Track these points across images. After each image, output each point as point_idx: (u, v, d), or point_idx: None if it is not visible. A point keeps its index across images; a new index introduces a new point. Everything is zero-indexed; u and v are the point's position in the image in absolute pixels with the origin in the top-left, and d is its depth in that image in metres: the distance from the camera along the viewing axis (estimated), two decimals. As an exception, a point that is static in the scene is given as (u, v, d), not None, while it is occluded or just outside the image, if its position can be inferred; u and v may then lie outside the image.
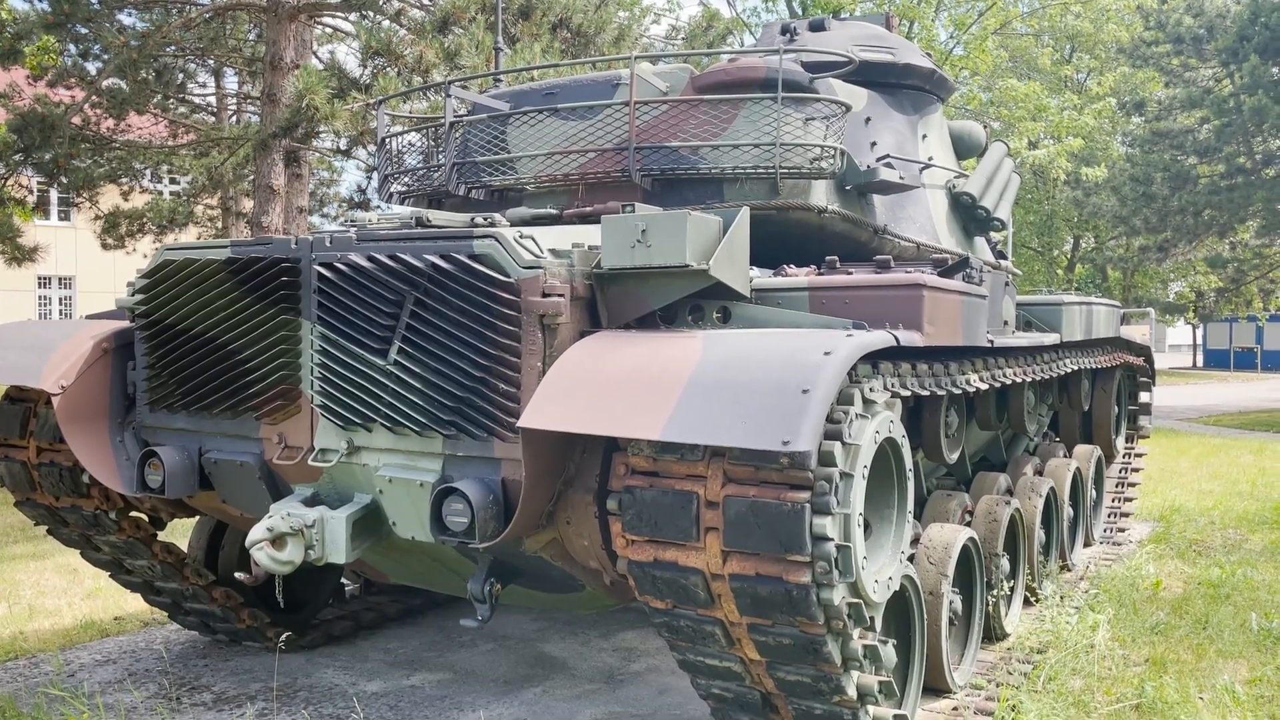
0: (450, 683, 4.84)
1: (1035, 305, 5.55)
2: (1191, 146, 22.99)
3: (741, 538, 2.90)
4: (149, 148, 20.30)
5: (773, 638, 3.04)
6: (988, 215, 5.80)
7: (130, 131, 19.39)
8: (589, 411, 2.92)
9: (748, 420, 2.71)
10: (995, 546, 5.09)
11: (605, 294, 3.45)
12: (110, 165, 20.33)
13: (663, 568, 3.06)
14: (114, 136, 19.46)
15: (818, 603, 2.88)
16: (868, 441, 3.02)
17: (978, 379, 4.21)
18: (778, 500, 2.85)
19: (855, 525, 2.93)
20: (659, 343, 3.10)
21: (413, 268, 3.42)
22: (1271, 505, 9.49)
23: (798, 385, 2.73)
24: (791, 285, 3.60)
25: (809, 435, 2.64)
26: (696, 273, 3.25)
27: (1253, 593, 6.27)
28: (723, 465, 2.97)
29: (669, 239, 3.23)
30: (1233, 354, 46.12)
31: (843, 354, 2.84)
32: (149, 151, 20.49)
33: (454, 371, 3.35)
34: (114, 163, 20.46)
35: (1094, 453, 7.48)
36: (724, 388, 2.82)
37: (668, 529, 3.01)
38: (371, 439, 3.57)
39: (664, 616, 3.22)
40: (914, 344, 3.33)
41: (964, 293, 3.82)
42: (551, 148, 4.82)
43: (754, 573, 2.92)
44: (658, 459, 3.05)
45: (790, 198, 4.70)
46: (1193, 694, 4.57)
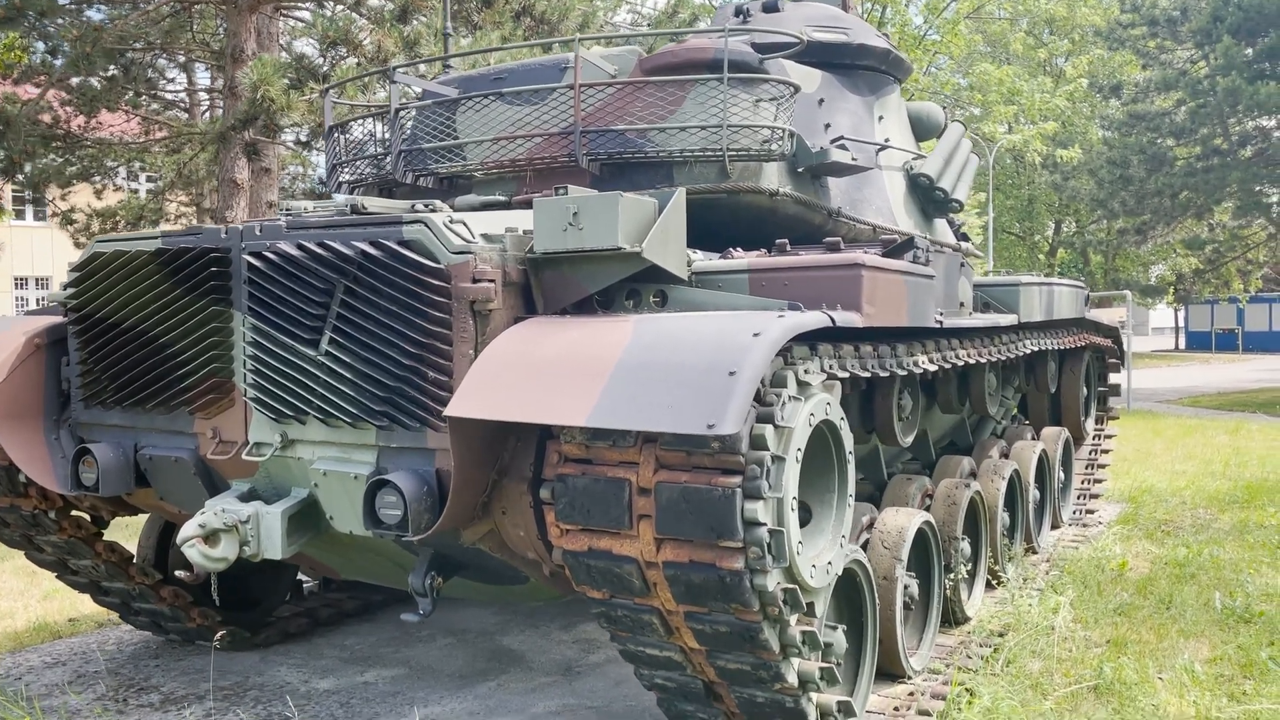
0: (404, 678, 4.77)
1: (993, 286, 5.51)
2: (1168, 129, 23.03)
3: (674, 524, 2.84)
4: (120, 145, 20.10)
5: (709, 625, 2.98)
6: (946, 196, 5.74)
7: (101, 129, 19.19)
8: (516, 399, 2.86)
9: (674, 404, 2.65)
10: (954, 530, 5.05)
11: (540, 279, 3.38)
12: (83, 164, 20.12)
13: (597, 557, 3.00)
14: (85, 134, 19.24)
15: (752, 589, 2.83)
16: (801, 424, 2.96)
17: (927, 360, 4.15)
18: (709, 485, 2.79)
19: (789, 509, 2.87)
20: (589, 327, 3.04)
21: (342, 255, 3.34)
22: (1243, 484, 9.50)
23: (725, 368, 2.67)
24: (731, 268, 3.54)
25: (735, 418, 2.58)
26: (630, 255, 3.19)
27: (1218, 572, 6.25)
28: (655, 451, 2.90)
29: (601, 221, 3.16)
30: (1214, 336, 46.37)
31: (772, 335, 2.78)
32: (121, 149, 20.29)
33: (385, 361, 3.27)
34: (86, 161, 20.24)
35: (1061, 435, 7.45)
36: (651, 372, 2.76)
37: (600, 517, 2.94)
38: (306, 432, 3.50)
39: (602, 607, 3.16)
40: (853, 325, 3.27)
41: (908, 273, 3.76)
42: (498, 133, 4.74)
43: (687, 560, 2.87)
44: (590, 446, 2.99)
45: (740, 180, 4.63)
46: (1151, 674, 4.54)
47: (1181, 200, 22.81)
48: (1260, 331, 44.78)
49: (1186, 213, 23.88)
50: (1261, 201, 22.11)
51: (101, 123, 19.05)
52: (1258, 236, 26.36)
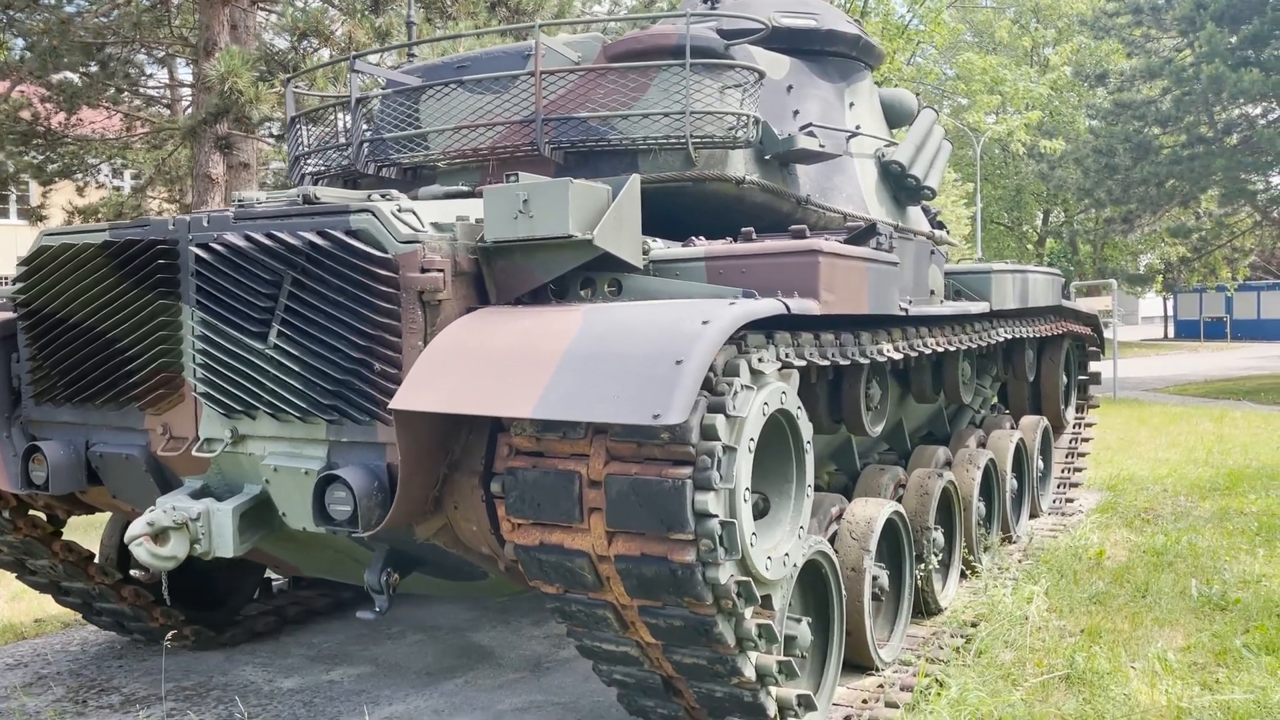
0: (370, 676, 4.71)
1: (964, 274, 5.45)
2: (1154, 117, 23.02)
3: (624, 517, 2.78)
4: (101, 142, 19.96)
5: (663, 620, 2.93)
6: (918, 184, 5.69)
7: (82, 126, 19.05)
8: (462, 391, 2.79)
9: (620, 394, 2.59)
10: (926, 520, 5.00)
11: (492, 269, 3.31)
12: (64, 161, 19.96)
13: (549, 551, 2.94)
14: (66, 132, 19.09)
15: (704, 582, 2.77)
16: (754, 414, 2.90)
17: (892, 349, 4.10)
18: (659, 477, 2.73)
19: (741, 501, 2.81)
20: (538, 317, 2.97)
21: (289, 246, 3.27)
22: (1226, 472, 9.47)
23: (672, 356, 2.61)
24: (688, 256, 3.48)
25: (681, 408, 2.52)
26: (582, 243, 3.12)
27: (1196, 559, 6.22)
28: (605, 443, 2.84)
29: (552, 208, 3.09)
30: (1203, 324, 46.47)
31: (721, 324, 2.72)
32: (102, 146, 20.14)
33: (333, 354, 3.21)
34: (67, 158, 20.09)
35: (1040, 424, 7.41)
36: (599, 362, 2.70)
37: (551, 511, 2.88)
38: (256, 427, 3.43)
39: (556, 602, 3.10)
40: (809, 312, 3.21)
41: (870, 259, 3.70)
42: (460, 122, 4.67)
43: (639, 553, 2.81)
44: (540, 438, 2.93)
45: (706, 168, 4.57)
46: (1124, 663, 4.50)
47: (1167, 188, 22.82)
48: (1248, 320, 44.86)
49: (1172, 201, 23.89)
50: (1247, 189, 22.12)
51: (82, 119, 18.92)
52: (1244, 224, 26.40)
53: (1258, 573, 5.83)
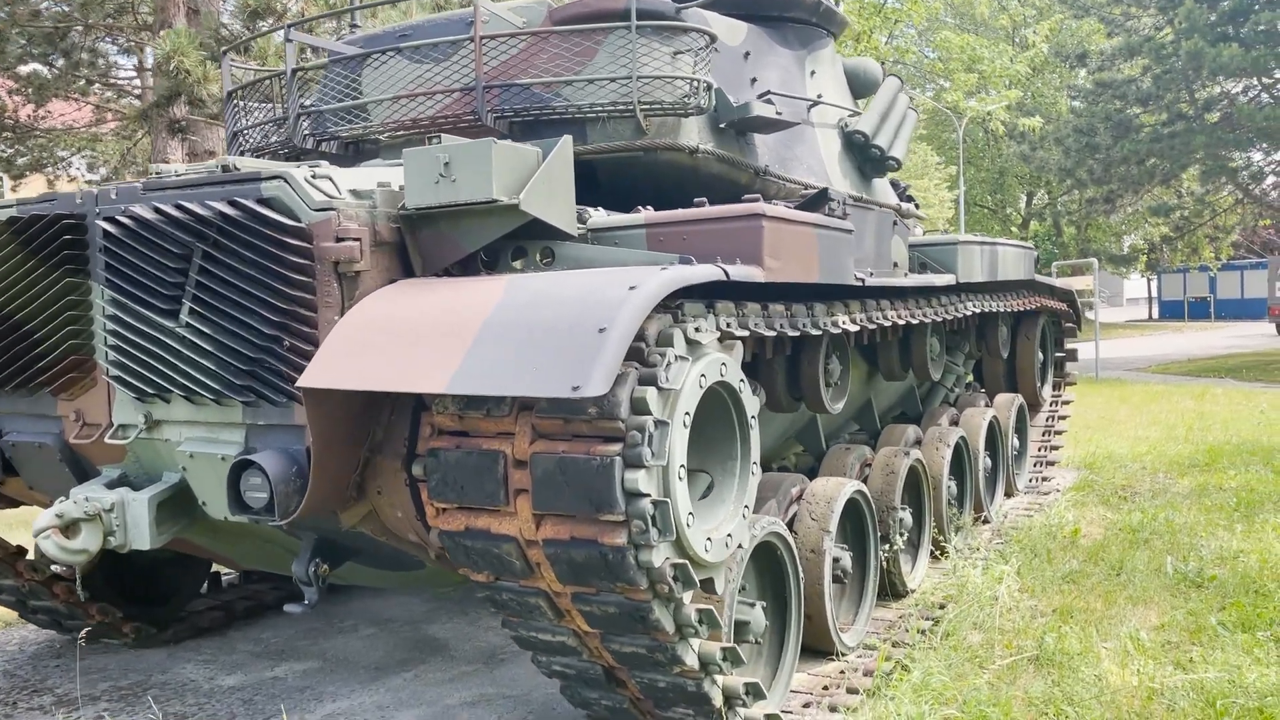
0: (317, 672, 4.53)
1: (929, 246, 5.28)
2: (1134, 96, 22.88)
3: (551, 499, 2.60)
4: (70, 134, 19.62)
5: (598, 607, 2.75)
6: (882, 154, 5.50)
7: (52, 118, 18.73)
8: (374, 367, 2.60)
9: (539, 366, 2.41)
10: (892, 499, 4.84)
11: (416, 238, 3.12)
12: (34, 154, 19.63)
13: (475, 537, 2.76)
14: (35, 124, 18.73)
15: (637, 566, 2.59)
16: (690, 386, 2.72)
17: (849, 321, 3.92)
18: (587, 455, 2.55)
19: (675, 478, 2.64)
20: (459, 288, 2.79)
21: (199, 217, 3.07)
22: (1205, 448, 9.35)
23: (594, 325, 2.43)
24: (628, 223, 3.29)
25: (603, 379, 2.34)
26: (507, 209, 2.93)
27: (1173, 536, 6.08)
28: (531, 419, 2.66)
29: (474, 171, 2.90)
30: (1187, 304, 46.52)
31: (648, 289, 2.53)
32: (71, 138, 19.80)
33: (245, 331, 3.01)
34: (37, 151, 19.76)
35: (1015, 401, 7.27)
36: (518, 332, 2.51)
37: (475, 493, 2.70)
38: (171, 411, 3.23)
39: (486, 590, 2.92)
40: (752, 279, 3.03)
41: (820, 225, 3.52)
42: (398, 91, 4.46)
43: (568, 536, 2.63)
44: (463, 416, 2.74)
45: (657, 137, 4.37)
46: (1095, 643, 4.35)
47: (1148, 167, 22.70)
48: (1232, 299, 44.90)
49: (1153, 180, 23.77)
50: (1228, 166, 22.01)
51: (50, 112, 18.60)
52: (1225, 202, 26.32)
53: (1235, 549, 5.69)
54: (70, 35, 15.98)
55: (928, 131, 36.15)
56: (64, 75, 16.78)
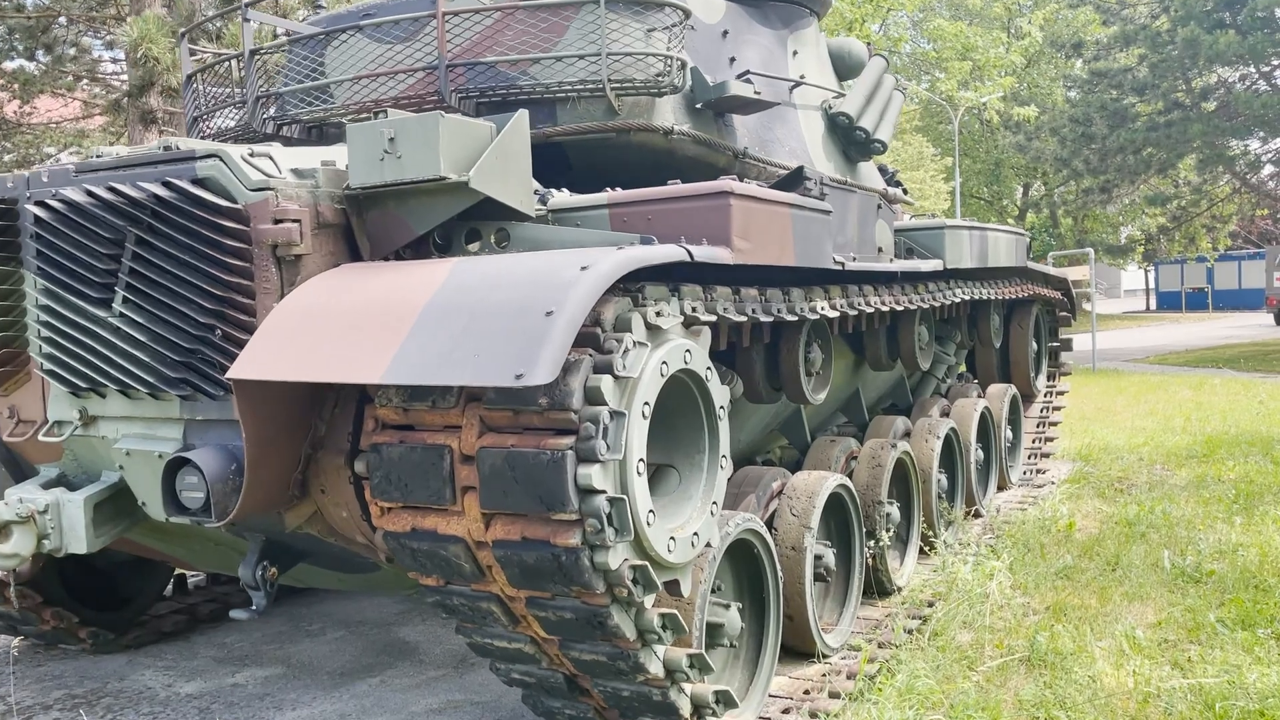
0: (279, 678, 4.35)
1: (916, 231, 5.09)
2: (1130, 85, 22.68)
3: (499, 497, 2.42)
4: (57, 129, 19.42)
5: (553, 612, 2.57)
6: (867, 137, 5.31)
7: (38, 114, 18.54)
8: (308, 356, 2.42)
9: (481, 353, 2.22)
10: (878, 494, 4.66)
11: (364, 219, 2.93)
12: (21, 150, 19.43)
13: (421, 538, 2.58)
14: (21, 120, 18.53)
15: (592, 568, 2.41)
16: (650, 374, 2.53)
17: (828, 307, 3.74)
18: (537, 449, 2.37)
19: (634, 474, 2.45)
20: (402, 272, 2.60)
21: (132, 200, 2.89)
22: (1203, 439, 9.18)
23: (541, 308, 2.24)
24: (590, 203, 3.11)
25: (549, 366, 2.15)
26: (456, 187, 2.74)
27: (1170, 529, 5.91)
28: (479, 411, 2.48)
29: (421, 147, 2.71)
30: (1184, 295, 46.31)
31: (602, 270, 2.35)
32: (58, 133, 19.59)
33: (180, 320, 2.83)
34: (24, 147, 19.56)
35: (1008, 392, 7.09)
36: (461, 317, 2.33)
37: (420, 491, 2.52)
38: (107, 406, 3.05)
39: (436, 595, 2.74)
40: (718, 261, 2.85)
41: (794, 205, 3.33)
42: (359, 72, 4.27)
43: (519, 537, 2.45)
44: (408, 408, 2.56)
45: (630, 118, 4.19)
46: (1089, 642, 4.17)
47: (1144, 156, 22.51)
48: (1230, 289, 44.69)
49: (1150, 169, 23.57)
50: (1225, 154, 21.81)
51: (36, 108, 18.40)
52: (1223, 192, 26.12)
53: (1234, 542, 5.52)
54: (53, 29, 15.78)
55: (923, 123, 35.96)
56: (50, 71, 16.58)
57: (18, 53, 16.30)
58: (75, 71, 17.19)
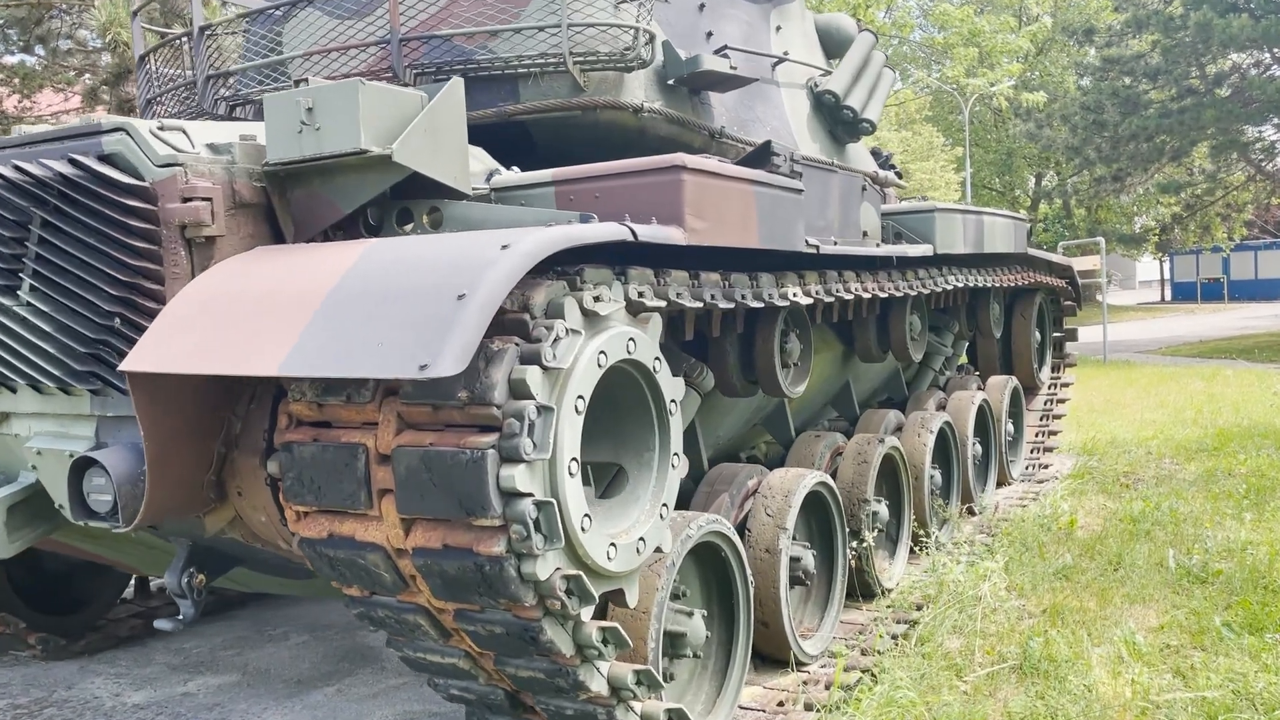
0: (233, 687, 4.14)
1: (904, 215, 4.83)
2: (1143, 71, 22.29)
3: (416, 501, 2.19)
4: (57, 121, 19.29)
5: (483, 626, 2.35)
6: (855, 116, 5.06)
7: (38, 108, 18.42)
8: (203, 346, 2.20)
9: (385, 341, 2.00)
10: (864, 491, 4.42)
11: (288, 198, 2.71)
12: (21, 146, 19.28)
13: (338, 545, 2.36)
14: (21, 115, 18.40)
15: (519, 579, 2.18)
16: (585, 365, 2.30)
17: (801, 293, 3.49)
18: (456, 448, 2.14)
19: (565, 474, 2.22)
20: (314, 255, 2.38)
21: (37, 180, 2.67)
22: (1214, 431, 8.89)
23: (454, 290, 2.01)
24: (535, 180, 2.88)
25: (457, 355, 1.93)
26: (379, 161, 2.52)
27: (1176, 527, 5.65)
28: (396, 407, 2.25)
29: (341, 118, 2.49)
30: (1200, 286, 45.68)
31: (524, 249, 2.12)
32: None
33: (86, 309, 2.61)
34: (25, 142, 19.41)
35: (1008, 384, 6.82)
36: (368, 302, 2.10)
37: (333, 494, 2.30)
38: (18, 402, 2.84)
39: (360, 606, 2.52)
40: (669, 241, 2.61)
41: (759, 183, 3.09)
42: (309, 48, 4.05)
43: (440, 544, 2.22)
44: (323, 404, 2.34)
45: (597, 94, 3.96)
46: (1086, 648, 3.93)
47: (1156, 144, 22.12)
48: (1246, 280, 44.04)
49: (1162, 157, 23.17)
50: (1239, 141, 21.41)
51: (37, 102, 18.29)
52: (1237, 179, 25.68)
53: (1243, 540, 5.25)
54: (45, 21, 15.62)
55: (933, 113, 35.53)
56: (50, 65, 16.44)
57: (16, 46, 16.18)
58: (76, 66, 17.05)
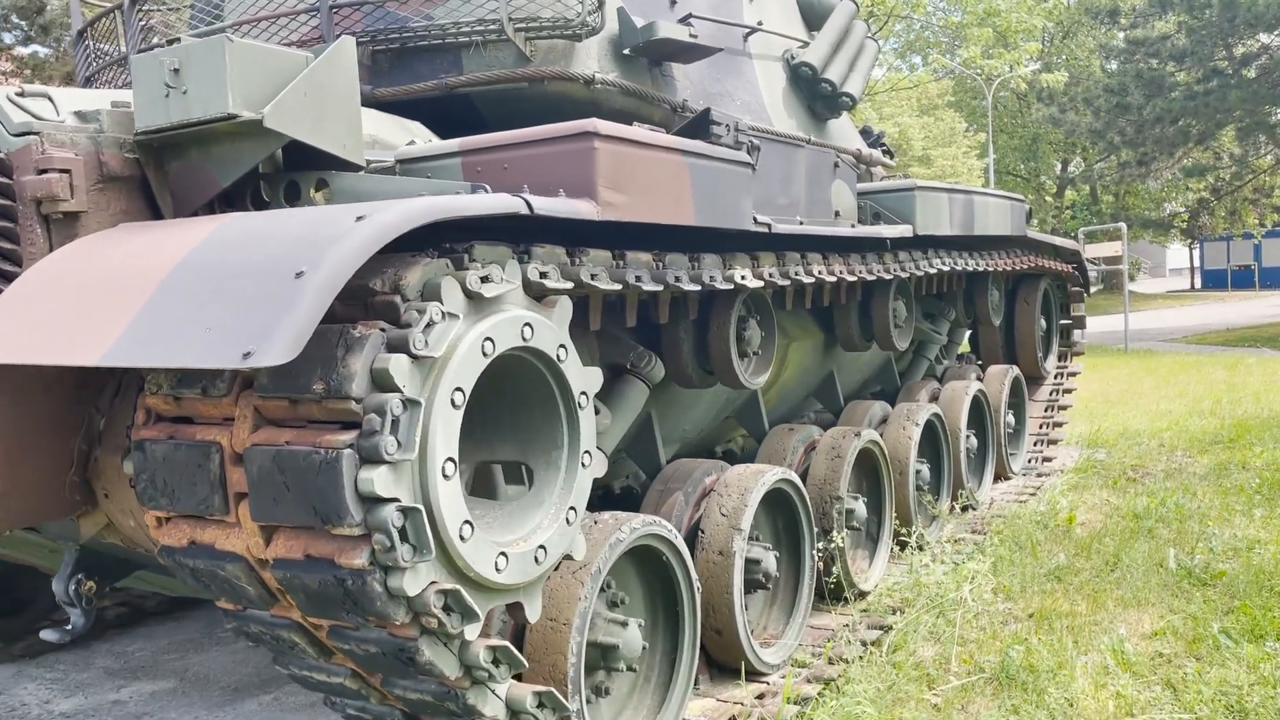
0: (167, 694, 3.93)
1: (882, 193, 4.52)
2: (1168, 53, 21.71)
3: (270, 506, 1.95)
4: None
5: (358, 645, 2.11)
6: (834, 90, 4.77)
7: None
8: (35, 333, 1.96)
9: (214, 326, 1.76)
10: (836, 488, 4.14)
11: (165, 170, 2.47)
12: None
13: (199, 554, 2.12)
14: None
15: (386, 594, 1.94)
16: (466, 353, 2.04)
17: (750, 275, 3.21)
18: (311, 448, 1.90)
19: (438, 477, 1.97)
20: (164, 232, 2.13)
21: (-107, 153, 2.44)
22: (1232, 423, 8.52)
23: (291, 268, 1.76)
24: (440, 150, 2.62)
25: (288, 341, 1.68)
26: (250, 126, 2.27)
27: (1181, 524, 5.33)
28: (253, 401, 2.01)
29: (207, 79, 2.24)
30: (1230, 273, 44.72)
31: (382, 222, 1.86)
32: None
33: (-60, 293, 2.38)
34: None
35: (1008, 374, 6.51)
36: (205, 283, 1.86)
37: (187, 498, 2.06)
38: (-113, 396, 2.62)
39: (234, 621, 2.29)
40: (575, 215, 2.35)
41: (693, 154, 2.82)
42: (249, 16, 3.81)
43: (301, 555, 1.98)
44: (180, 397, 2.10)
45: (545, 64, 3.70)
46: (1071, 657, 3.64)
47: (1181, 127, 21.56)
48: (1278, 267, 43.08)
49: (1188, 141, 22.59)
50: (1266, 123, 20.81)
51: (48, 93, 18.18)
52: (1265, 163, 25.02)
53: (1251, 538, 4.94)
54: (48, 12, 15.53)
55: (955, 98, 34.93)
56: (59, 55, 16.35)
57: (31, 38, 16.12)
58: (80, 55, 16.94)
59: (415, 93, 3.77)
